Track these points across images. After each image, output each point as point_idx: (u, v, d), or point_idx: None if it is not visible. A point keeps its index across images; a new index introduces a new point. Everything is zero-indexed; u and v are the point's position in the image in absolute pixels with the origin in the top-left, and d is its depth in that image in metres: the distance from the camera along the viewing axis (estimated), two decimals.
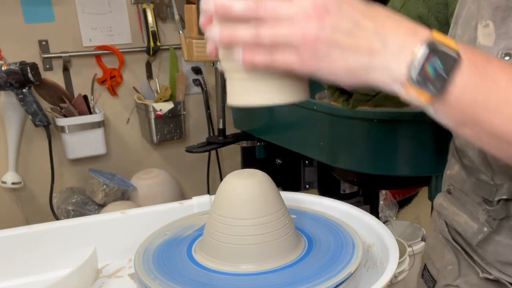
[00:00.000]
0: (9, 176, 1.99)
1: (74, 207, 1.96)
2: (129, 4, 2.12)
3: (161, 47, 2.17)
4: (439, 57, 0.46)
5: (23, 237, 0.73)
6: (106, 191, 1.98)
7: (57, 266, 0.73)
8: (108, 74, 2.13)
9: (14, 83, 1.78)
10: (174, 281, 0.57)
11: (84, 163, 2.13)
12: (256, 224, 0.59)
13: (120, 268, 0.75)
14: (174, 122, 2.15)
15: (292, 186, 1.93)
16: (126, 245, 0.75)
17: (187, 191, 2.30)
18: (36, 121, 1.87)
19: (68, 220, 0.77)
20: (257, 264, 0.59)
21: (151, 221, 0.74)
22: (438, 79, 0.46)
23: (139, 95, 2.19)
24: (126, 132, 2.26)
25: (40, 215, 2.07)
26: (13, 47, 1.95)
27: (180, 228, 0.70)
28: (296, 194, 0.78)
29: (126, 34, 2.14)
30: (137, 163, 2.26)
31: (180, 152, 2.25)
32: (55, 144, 2.02)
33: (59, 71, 2.06)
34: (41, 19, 1.99)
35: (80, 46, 2.07)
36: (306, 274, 0.57)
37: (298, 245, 0.63)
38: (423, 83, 0.46)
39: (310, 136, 1.47)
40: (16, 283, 0.72)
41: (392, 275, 0.55)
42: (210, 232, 0.62)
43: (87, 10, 2.05)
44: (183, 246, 0.65)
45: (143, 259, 0.62)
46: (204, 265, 0.61)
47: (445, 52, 0.46)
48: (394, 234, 0.66)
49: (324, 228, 0.67)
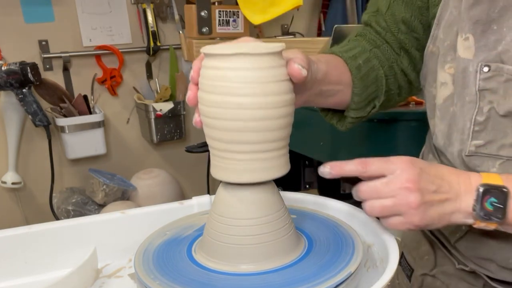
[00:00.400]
0: (9, 176, 1.99)
1: (74, 207, 1.96)
2: (129, 4, 2.12)
3: (161, 47, 2.17)
4: (492, 195, 0.60)
5: (23, 237, 0.72)
6: (106, 191, 1.98)
7: (57, 266, 0.73)
8: (108, 74, 2.13)
9: (14, 83, 1.78)
10: (174, 281, 0.57)
11: (84, 163, 2.13)
12: (256, 224, 0.59)
13: (120, 268, 0.75)
14: (174, 122, 2.15)
15: (292, 186, 1.93)
16: (126, 245, 0.75)
17: (187, 191, 2.30)
18: (36, 121, 1.87)
19: (68, 220, 0.77)
20: (257, 264, 0.59)
21: (151, 221, 0.74)
22: (497, 211, 0.60)
23: (139, 95, 2.19)
24: (126, 132, 2.26)
25: (40, 215, 2.07)
26: (13, 47, 1.95)
27: (180, 228, 0.70)
28: (296, 194, 0.78)
29: (126, 34, 2.15)
30: (137, 163, 2.27)
31: (180, 152, 2.25)
32: (55, 144, 2.02)
33: (59, 71, 2.06)
34: (41, 19, 1.99)
35: (80, 46, 2.08)
36: (306, 274, 0.57)
37: (298, 245, 0.63)
38: (487, 217, 0.61)
39: (310, 136, 1.47)
40: (16, 283, 0.72)
41: (392, 275, 0.55)
42: (210, 232, 0.62)
43: (87, 10, 2.05)
44: (183, 246, 0.65)
45: (143, 259, 0.62)
46: (204, 265, 0.61)
47: (494, 190, 0.60)
48: (394, 234, 0.66)
49: (324, 228, 0.67)
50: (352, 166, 0.61)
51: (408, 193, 0.60)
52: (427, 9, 0.79)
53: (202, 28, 1.68)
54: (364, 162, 0.61)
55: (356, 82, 0.77)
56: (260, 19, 1.70)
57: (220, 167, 0.60)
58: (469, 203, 0.61)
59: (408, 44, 0.82)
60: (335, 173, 0.61)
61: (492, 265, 0.73)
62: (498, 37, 0.63)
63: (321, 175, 0.61)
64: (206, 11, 1.68)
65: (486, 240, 0.72)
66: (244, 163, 0.58)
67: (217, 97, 0.56)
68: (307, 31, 2.47)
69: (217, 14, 1.71)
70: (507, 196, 0.60)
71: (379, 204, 0.61)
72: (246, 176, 0.58)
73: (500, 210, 0.60)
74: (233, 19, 1.77)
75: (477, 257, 0.75)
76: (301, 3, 1.69)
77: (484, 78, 0.65)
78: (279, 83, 0.57)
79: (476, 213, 0.60)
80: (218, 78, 0.55)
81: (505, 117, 0.66)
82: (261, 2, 1.70)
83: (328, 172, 0.61)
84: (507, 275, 0.72)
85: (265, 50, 0.56)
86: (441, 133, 0.75)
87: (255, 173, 0.58)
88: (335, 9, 2.34)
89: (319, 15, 2.45)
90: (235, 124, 0.56)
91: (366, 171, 0.61)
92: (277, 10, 1.70)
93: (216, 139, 0.59)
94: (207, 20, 1.69)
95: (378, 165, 0.61)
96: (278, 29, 2.38)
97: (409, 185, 0.60)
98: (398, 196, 0.60)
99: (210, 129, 0.59)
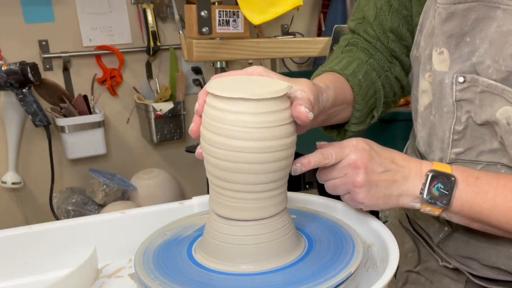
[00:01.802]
0: (9, 176, 1.99)
1: (74, 207, 1.96)
2: (129, 4, 2.12)
3: (161, 47, 2.17)
4: (439, 181, 0.63)
5: (23, 237, 0.72)
6: (106, 191, 1.98)
7: (57, 266, 0.73)
8: (108, 74, 2.13)
9: (14, 83, 1.78)
10: (174, 281, 0.57)
11: (84, 163, 2.13)
12: (256, 224, 0.59)
13: (120, 268, 0.75)
14: (174, 122, 2.15)
15: (292, 186, 1.93)
16: (126, 245, 0.75)
17: (187, 191, 2.30)
18: (36, 121, 1.87)
19: (68, 220, 0.77)
20: (257, 264, 0.59)
21: (151, 221, 0.74)
22: (442, 197, 0.63)
23: (139, 95, 2.19)
24: (126, 132, 2.26)
25: (40, 215, 2.07)
26: (13, 47, 1.95)
27: (180, 228, 0.70)
28: (296, 194, 0.78)
29: (126, 34, 2.14)
30: (137, 163, 2.26)
31: (180, 152, 2.25)
32: (55, 144, 2.02)
33: (59, 71, 2.06)
34: (41, 19, 1.99)
35: (80, 46, 2.08)
36: (306, 274, 0.57)
37: (298, 245, 0.63)
38: (432, 201, 0.63)
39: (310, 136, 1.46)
40: (16, 283, 0.72)
41: (392, 275, 0.55)
42: (210, 232, 0.62)
43: (87, 10, 2.05)
44: (183, 246, 0.65)
45: (143, 259, 0.62)
46: (204, 265, 0.61)
47: (442, 176, 0.63)
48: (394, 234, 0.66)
49: (324, 228, 0.67)
50: (317, 159, 0.64)
51: (354, 171, 0.63)
52: (411, 18, 0.80)
53: (202, 28, 1.68)
54: (324, 154, 0.64)
55: (358, 99, 0.78)
56: (260, 19, 1.70)
57: (216, 201, 0.60)
58: (417, 187, 0.64)
59: (398, 52, 0.83)
60: (306, 168, 0.64)
61: (475, 264, 0.74)
62: (472, 48, 0.65)
63: (294, 173, 0.63)
64: (206, 11, 1.68)
65: (469, 240, 0.74)
66: (241, 202, 0.58)
67: (217, 137, 0.56)
68: (307, 31, 2.47)
69: (217, 14, 1.71)
70: (454, 184, 0.63)
71: (332, 183, 0.66)
72: (243, 214, 0.59)
73: (446, 197, 0.63)
74: (233, 19, 1.77)
75: (460, 256, 0.76)
76: (301, 3, 1.69)
77: (460, 89, 0.67)
78: (280, 128, 0.57)
79: (423, 197, 0.63)
80: (219, 119, 0.55)
81: (482, 126, 0.68)
82: (261, 2, 1.70)
83: (299, 169, 0.63)
84: (489, 272, 0.73)
85: (268, 95, 0.55)
86: (422, 140, 0.77)
87: (253, 212, 0.59)
88: (335, 9, 2.34)
89: (319, 15, 2.45)
90: (233, 166, 0.56)
91: (329, 162, 0.64)
92: (277, 10, 1.70)
93: (213, 175, 0.59)
94: (207, 20, 1.68)
95: (335, 152, 0.65)
96: (278, 29, 2.38)
97: (356, 164, 0.63)
98: (347, 174, 0.64)
99: (208, 165, 0.59)
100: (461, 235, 0.75)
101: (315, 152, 0.65)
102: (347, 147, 0.65)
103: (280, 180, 0.59)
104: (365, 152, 0.64)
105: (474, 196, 0.63)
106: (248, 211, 0.59)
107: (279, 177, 0.59)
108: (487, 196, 0.63)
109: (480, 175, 0.64)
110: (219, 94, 0.55)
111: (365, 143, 0.65)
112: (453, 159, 0.72)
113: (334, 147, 0.65)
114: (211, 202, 0.62)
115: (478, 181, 0.64)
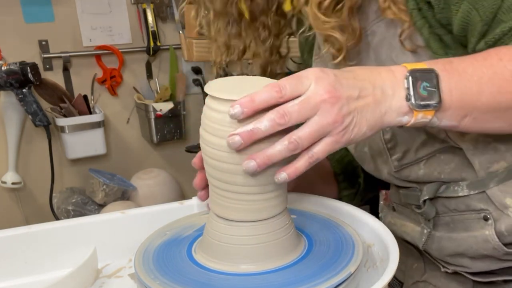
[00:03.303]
0: (9, 176, 1.99)
1: (74, 207, 1.96)
2: (129, 4, 2.12)
3: (161, 47, 2.17)
4: (422, 79, 0.56)
5: (23, 237, 0.72)
6: (106, 191, 1.98)
7: (57, 266, 0.73)
8: (108, 74, 2.13)
9: (14, 83, 1.78)
10: (174, 281, 0.57)
11: (84, 163, 2.13)
12: (256, 225, 0.59)
13: (120, 268, 0.75)
14: (174, 122, 2.15)
15: None
16: (126, 245, 0.75)
17: (187, 191, 2.30)
18: (36, 121, 1.87)
19: (68, 220, 0.77)
20: (257, 264, 0.59)
21: (151, 221, 0.74)
22: (431, 95, 0.56)
23: (139, 95, 2.19)
24: (126, 132, 2.26)
25: (40, 215, 2.07)
26: (13, 47, 1.95)
27: (180, 228, 0.70)
28: (296, 194, 0.78)
29: (126, 34, 2.14)
30: (137, 163, 2.26)
31: (180, 152, 2.25)
32: (55, 144, 2.02)
33: (59, 71, 2.06)
34: (41, 19, 1.99)
35: (80, 46, 2.08)
36: (306, 274, 0.57)
37: (298, 245, 0.63)
38: (424, 103, 0.56)
39: None
40: (16, 283, 0.72)
41: (392, 275, 0.55)
42: (210, 232, 0.62)
43: (87, 10, 2.05)
44: (183, 246, 0.65)
45: (143, 259, 0.62)
46: (204, 265, 0.61)
47: (423, 73, 0.56)
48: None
49: (324, 228, 0.67)
50: (266, 94, 0.52)
51: (329, 106, 0.52)
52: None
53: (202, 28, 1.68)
54: (277, 86, 0.52)
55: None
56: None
57: (216, 202, 0.60)
58: (400, 96, 0.56)
59: None
60: (249, 110, 0.51)
61: (465, 260, 0.75)
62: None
63: (232, 117, 0.52)
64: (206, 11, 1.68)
65: (450, 236, 0.75)
66: (241, 203, 0.58)
67: (216, 139, 0.56)
68: None
69: None
70: (437, 77, 0.56)
71: (303, 132, 0.52)
72: (243, 215, 0.59)
73: (435, 94, 0.56)
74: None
75: (448, 256, 0.77)
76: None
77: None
78: None
79: (412, 103, 0.55)
80: (217, 121, 0.55)
81: (402, 126, 0.71)
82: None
83: (239, 112, 0.51)
84: (481, 264, 0.74)
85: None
86: (369, 168, 0.83)
87: (253, 213, 0.59)
88: None
89: None
90: (232, 167, 0.56)
91: (282, 96, 0.52)
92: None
93: (213, 177, 0.59)
94: None
95: (291, 83, 0.52)
96: None
97: (328, 96, 0.52)
98: (320, 113, 0.52)
99: (208, 166, 0.59)
100: (442, 233, 0.76)
101: (262, 88, 0.52)
102: (305, 77, 0.53)
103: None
104: (331, 78, 0.53)
105: (458, 80, 0.57)
106: (248, 212, 0.59)
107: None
108: (469, 73, 0.57)
109: (450, 59, 0.60)
110: (217, 96, 0.55)
111: (321, 70, 0.54)
112: (397, 166, 0.77)
113: (288, 78, 0.53)
114: (211, 203, 0.62)
115: (453, 64, 0.59)
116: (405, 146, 0.75)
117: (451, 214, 0.75)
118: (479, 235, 0.72)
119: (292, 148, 0.52)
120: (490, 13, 0.60)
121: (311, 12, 0.67)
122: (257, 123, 0.52)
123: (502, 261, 0.73)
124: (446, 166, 0.73)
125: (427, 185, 0.75)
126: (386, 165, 0.78)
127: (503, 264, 0.73)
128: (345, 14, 0.67)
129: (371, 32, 0.71)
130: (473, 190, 0.72)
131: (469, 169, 0.72)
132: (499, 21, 0.60)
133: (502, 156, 0.70)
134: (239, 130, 0.52)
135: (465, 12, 0.61)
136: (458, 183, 0.73)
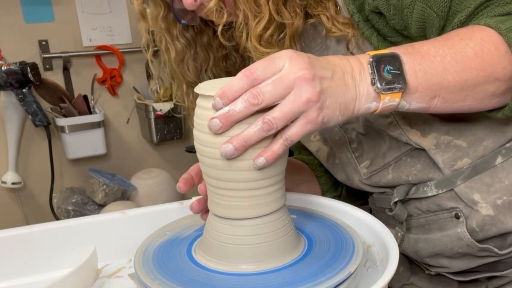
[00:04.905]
0: (9, 176, 1.99)
1: (74, 207, 1.96)
2: (129, 4, 2.12)
3: None
4: (386, 63, 0.56)
5: (23, 237, 0.73)
6: (106, 191, 1.98)
7: (57, 266, 0.73)
8: (108, 74, 2.13)
9: (14, 83, 1.78)
10: (174, 281, 0.57)
11: (84, 163, 2.13)
12: (256, 224, 0.59)
13: (120, 268, 0.75)
14: (174, 122, 2.15)
15: None
16: (126, 245, 0.75)
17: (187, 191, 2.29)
18: (36, 121, 1.87)
19: (68, 220, 0.77)
20: (257, 264, 0.59)
21: (151, 221, 0.74)
22: (396, 77, 0.56)
23: (139, 95, 2.19)
24: (126, 132, 2.26)
25: (40, 215, 2.07)
26: (13, 47, 1.95)
27: (180, 228, 0.70)
28: (296, 194, 0.78)
29: (126, 34, 2.14)
30: (137, 163, 2.26)
31: (180, 152, 2.25)
32: (55, 144, 2.02)
33: (59, 71, 2.06)
34: (41, 19, 1.99)
35: (80, 46, 2.07)
36: (306, 274, 0.57)
37: (298, 245, 0.63)
38: (388, 86, 0.56)
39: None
40: (16, 283, 0.72)
41: (392, 275, 0.55)
42: (209, 232, 0.62)
43: (87, 10, 2.05)
44: (183, 246, 0.65)
45: (143, 259, 0.62)
46: (204, 265, 0.61)
47: (386, 57, 0.57)
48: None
49: (324, 228, 0.67)
50: (238, 82, 0.51)
51: (304, 83, 0.51)
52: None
53: None
54: (248, 70, 0.52)
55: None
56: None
57: (214, 201, 0.60)
58: (367, 82, 0.56)
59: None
60: (227, 100, 0.52)
61: (444, 260, 0.77)
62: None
63: (214, 107, 0.53)
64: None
65: (423, 238, 0.77)
66: (238, 200, 0.58)
67: (208, 136, 0.56)
68: None
69: None
70: (401, 61, 0.57)
71: (277, 112, 0.51)
72: (241, 212, 0.59)
73: (400, 76, 0.56)
74: None
75: (427, 257, 0.78)
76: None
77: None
78: None
79: (377, 86, 0.56)
80: (206, 118, 0.55)
81: (368, 133, 0.76)
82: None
83: (220, 104, 0.52)
84: (459, 263, 0.76)
85: None
86: (342, 178, 0.85)
87: (250, 210, 0.59)
88: None
89: None
90: (225, 163, 0.56)
91: (255, 78, 0.51)
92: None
93: (208, 176, 0.59)
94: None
95: (263, 65, 0.52)
96: None
97: (303, 73, 0.51)
98: (294, 92, 0.51)
99: (203, 165, 0.59)
100: (418, 235, 0.77)
101: (236, 76, 0.52)
102: (278, 58, 0.53)
103: (275, 176, 0.59)
104: (305, 58, 0.53)
105: (422, 61, 0.58)
106: (246, 209, 0.59)
107: (273, 173, 0.58)
108: (431, 54, 0.58)
109: (412, 43, 0.61)
110: (206, 93, 0.56)
111: (294, 51, 0.54)
112: (366, 173, 0.79)
113: (260, 60, 0.53)
114: (209, 203, 0.62)
115: (415, 47, 0.59)
116: (372, 153, 0.77)
117: (424, 215, 0.77)
118: (452, 233, 0.73)
119: (266, 128, 0.52)
120: (444, 7, 0.62)
121: (251, 45, 0.69)
122: (232, 105, 0.52)
123: (480, 257, 0.74)
124: (413, 168, 0.75)
125: (397, 188, 0.77)
126: (356, 174, 0.81)
127: (481, 260, 0.74)
128: (287, 43, 0.69)
129: (326, 46, 0.74)
130: (441, 189, 0.73)
131: (435, 169, 0.73)
132: (455, 12, 0.62)
133: (465, 153, 0.71)
134: (217, 113, 0.53)
135: (420, 12, 0.63)
136: (426, 184, 0.74)
